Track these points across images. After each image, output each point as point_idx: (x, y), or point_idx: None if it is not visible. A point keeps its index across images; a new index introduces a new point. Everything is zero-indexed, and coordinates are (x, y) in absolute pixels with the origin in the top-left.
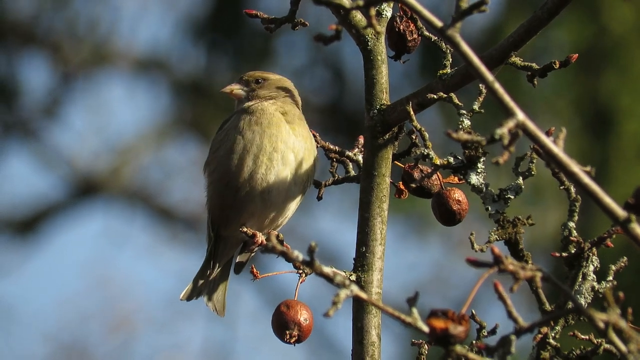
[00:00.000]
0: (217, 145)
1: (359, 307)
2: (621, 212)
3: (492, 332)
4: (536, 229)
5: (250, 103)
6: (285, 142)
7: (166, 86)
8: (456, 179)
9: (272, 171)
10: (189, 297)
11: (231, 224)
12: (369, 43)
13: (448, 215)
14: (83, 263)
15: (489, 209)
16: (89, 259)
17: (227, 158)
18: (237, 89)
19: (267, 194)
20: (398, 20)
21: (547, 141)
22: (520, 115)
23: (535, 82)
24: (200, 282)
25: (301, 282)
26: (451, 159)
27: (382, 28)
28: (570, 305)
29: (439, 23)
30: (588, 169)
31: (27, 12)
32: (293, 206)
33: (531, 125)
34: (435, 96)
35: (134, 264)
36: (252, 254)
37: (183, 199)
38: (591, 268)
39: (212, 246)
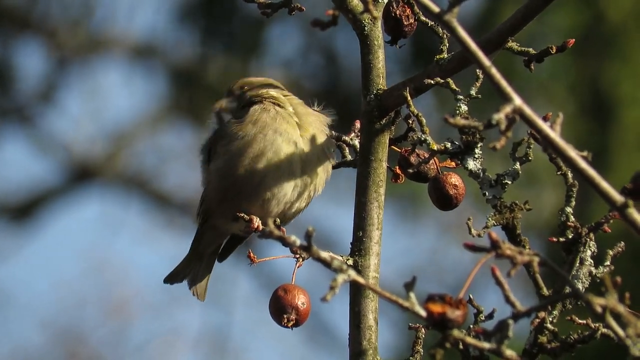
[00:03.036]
0: (231, 139)
1: (357, 292)
2: (618, 197)
3: (490, 317)
4: (531, 214)
5: (260, 105)
6: (295, 145)
7: (161, 72)
8: (453, 163)
9: (281, 172)
10: (172, 281)
11: (226, 216)
12: (366, 28)
13: (444, 200)
14: (79, 248)
15: (486, 194)
16: (86, 244)
17: (237, 157)
18: (225, 103)
19: (271, 195)
20: (394, 5)
21: (544, 126)
22: (517, 101)
23: (532, 67)
24: (185, 266)
25: (298, 267)
26: (448, 145)
27: (378, 13)
28: (567, 290)
29: (435, 8)
30: (585, 154)
31: None
32: (293, 212)
33: (528, 111)
34: (432, 81)
35: (130, 249)
36: (246, 239)
37: (179, 184)
38: (588, 253)
39: (200, 233)
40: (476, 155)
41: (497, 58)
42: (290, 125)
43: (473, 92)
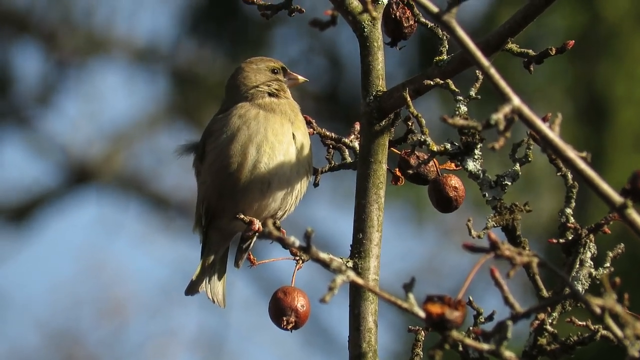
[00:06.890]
0: (218, 134)
1: (356, 294)
2: (618, 198)
3: (489, 318)
4: (529, 219)
5: (261, 100)
6: (285, 136)
7: (159, 74)
8: (453, 165)
9: (274, 162)
10: (192, 292)
11: (227, 214)
12: (365, 29)
13: (445, 202)
14: (77, 250)
15: (486, 195)
16: (83, 246)
17: (229, 146)
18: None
19: (266, 185)
20: (394, 7)
21: (543, 126)
22: (516, 101)
23: (531, 69)
24: (201, 275)
25: (298, 269)
26: (448, 145)
27: (378, 14)
28: (567, 291)
29: (434, 8)
30: (584, 154)
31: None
32: (292, 200)
33: (527, 111)
34: (432, 82)
35: (127, 251)
36: (251, 243)
37: (176, 186)
38: (588, 255)
39: (205, 237)
40: (476, 156)
41: (494, 63)
42: (277, 121)
43: (472, 92)
